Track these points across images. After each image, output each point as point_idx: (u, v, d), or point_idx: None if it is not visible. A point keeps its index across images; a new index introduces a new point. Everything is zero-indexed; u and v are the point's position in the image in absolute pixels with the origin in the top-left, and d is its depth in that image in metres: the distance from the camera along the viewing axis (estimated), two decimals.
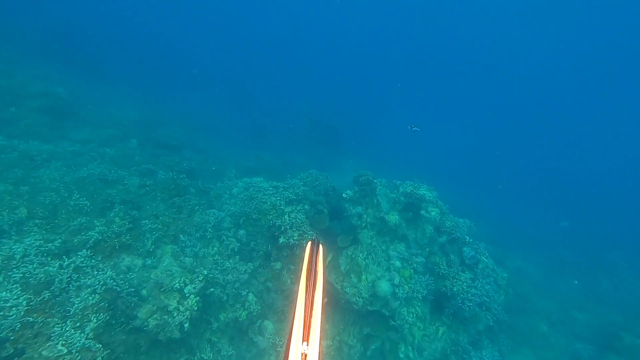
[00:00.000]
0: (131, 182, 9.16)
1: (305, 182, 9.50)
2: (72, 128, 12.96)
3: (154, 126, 15.72)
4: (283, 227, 7.74)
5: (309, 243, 1.63)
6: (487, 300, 8.41)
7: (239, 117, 26.92)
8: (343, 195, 8.99)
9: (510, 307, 10.26)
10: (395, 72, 64.87)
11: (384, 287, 7.84)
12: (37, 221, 6.93)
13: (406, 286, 8.00)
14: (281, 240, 7.69)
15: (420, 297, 7.90)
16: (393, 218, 8.54)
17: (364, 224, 8.71)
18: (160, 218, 7.79)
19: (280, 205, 8.18)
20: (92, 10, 40.59)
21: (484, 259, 9.37)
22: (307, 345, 1.00)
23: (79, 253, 6.22)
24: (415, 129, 10.83)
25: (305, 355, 0.97)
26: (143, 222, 7.50)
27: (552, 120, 61.76)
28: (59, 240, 6.61)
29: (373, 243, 8.62)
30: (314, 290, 1.24)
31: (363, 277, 8.16)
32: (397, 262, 8.37)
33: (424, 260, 8.54)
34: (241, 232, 8.04)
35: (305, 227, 7.85)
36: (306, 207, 8.88)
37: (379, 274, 8.17)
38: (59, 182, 8.23)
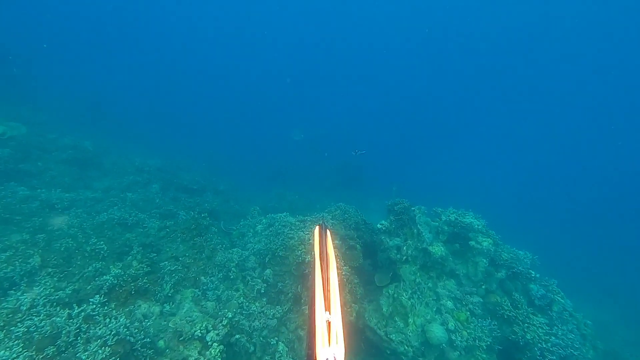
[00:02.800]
0: (151, 225, 8.75)
1: (333, 215, 8.74)
2: (96, 178, 12.98)
3: (176, 172, 15.72)
4: None
5: (317, 227, 1.78)
6: (575, 354, 6.50)
7: (259, 159, 27.06)
8: (378, 225, 8.11)
9: None
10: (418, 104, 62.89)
11: (437, 333, 6.58)
12: (50, 269, 6.43)
13: (464, 332, 6.69)
14: None
15: (484, 347, 6.50)
16: (438, 250, 7.49)
17: (404, 258, 7.67)
18: (181, 259, 7.11)
19: (310, 240, 7.37)
20: (118, 74, 44.16)
21: (559, 299, 7.63)
22: (330, 314, 1.16)
23: (91, 300, 5.54)
24: (360, 152, 12.10)
25: (329, 322, 1.12)
26: (162, 264, 6.84)
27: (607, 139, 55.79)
28: (71, 288, 5.99)
29: (417, 279, 7.49)
30: (328, 269, 1.39)
31: (410, 320, 6.95)
32: (449, 302, 7.15)
33: (481, 300, 7.25)
34: (267, 271, 7.18)
35: (339, 263, 6.95)
36: (336, 241, 8.00)
37: (428, 317, 6.95)
38: (77, 229, 7.92)
